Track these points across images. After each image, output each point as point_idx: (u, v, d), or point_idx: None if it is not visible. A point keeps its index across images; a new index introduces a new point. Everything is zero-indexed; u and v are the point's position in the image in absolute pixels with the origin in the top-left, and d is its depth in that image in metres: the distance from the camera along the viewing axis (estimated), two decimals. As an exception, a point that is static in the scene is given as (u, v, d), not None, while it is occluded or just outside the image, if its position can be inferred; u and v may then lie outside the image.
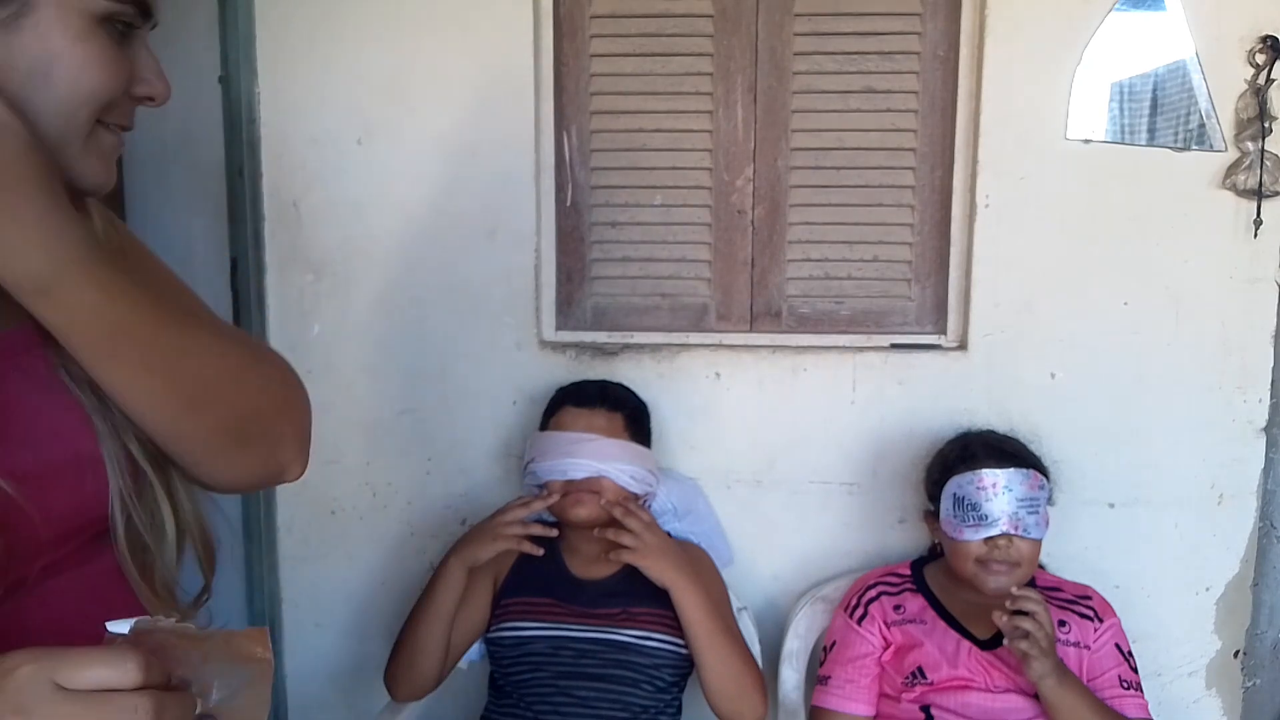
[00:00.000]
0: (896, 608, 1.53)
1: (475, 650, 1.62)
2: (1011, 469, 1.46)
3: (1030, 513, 1.44)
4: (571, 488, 1.53)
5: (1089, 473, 1.73)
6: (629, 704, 1.48)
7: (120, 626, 0.53)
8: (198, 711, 0.54)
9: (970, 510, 1.46)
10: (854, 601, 1.57)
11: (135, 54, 0.67)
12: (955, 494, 1.49)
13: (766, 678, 1.67)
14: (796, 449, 1.77)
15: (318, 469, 1.82)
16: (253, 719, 0.57)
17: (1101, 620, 1.49)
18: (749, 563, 1.80)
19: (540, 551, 1.51)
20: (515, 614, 1.54)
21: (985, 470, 1.46)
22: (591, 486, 1.53)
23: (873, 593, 1.56)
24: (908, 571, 1.60)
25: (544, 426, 1.63)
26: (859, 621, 1.53)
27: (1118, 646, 1.48)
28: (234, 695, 0.56)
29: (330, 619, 1.86)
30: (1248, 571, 1.75)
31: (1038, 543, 1.47)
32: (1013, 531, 1.43)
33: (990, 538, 1.44)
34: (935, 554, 1.63)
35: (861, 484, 1.78)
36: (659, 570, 1.44)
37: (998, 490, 1.44)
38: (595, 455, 1.53)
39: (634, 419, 1.63)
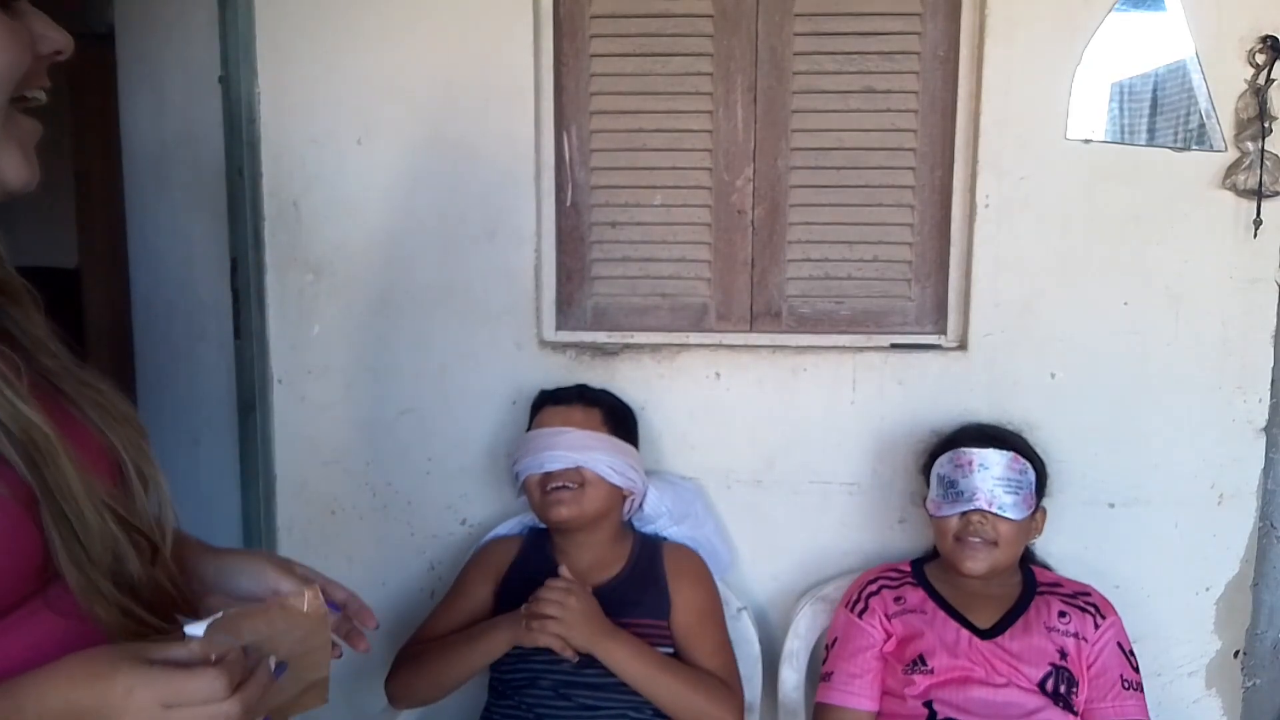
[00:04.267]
0: (897, 599, 1.54)
1: None
2: (990, 449, 1.50)
3: (1008, 492, 1.47)
4: (550, 481, 1.52)
5: (1089, 473, 1.73)
6: (628, 713, 1.48)
7: (196, 629, 0.64)
8: (274, 664, 0.68)
9: (949, 487, 1.51)
10: (855, 596, 1.58)
11: (25, 17, 0.65)
12: (938, 474, 1.54)
13: (766, 678, 1.68)
14: (796, 449, 1.77)
15: (317, 469, 1.84)
16: (317, 661, 0.74)
17: (1104, 617, 1.50)
18: (749, 563, 1.80)
19: (575, 658, 1.43)
20: None
21: (963, 449, 1.52)
22: (572, 478, 1.52)
23: (873, 587, 1.57)
24: (908, 568, 1.61)
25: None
26: (860, 615, 1.54)
27: (1120, 646, 1.48)
28: (298, 645, 0.71)
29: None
30: (1248, 571, 1.75)
31: (1016, 524, 1.48)
32: (987, 508, 1.46)
33: (965, 513, 1.47)
34: (937, 553, 1.64)
35: (861, 484, 1.78)
36: (579, 640, 1.39)
37: (974, 468, 1.49)
38: (571, 446, 1.53)
39: (613, 416, 1.63)
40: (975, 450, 1.50)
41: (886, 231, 1.77)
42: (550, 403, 1.62)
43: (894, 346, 1.76)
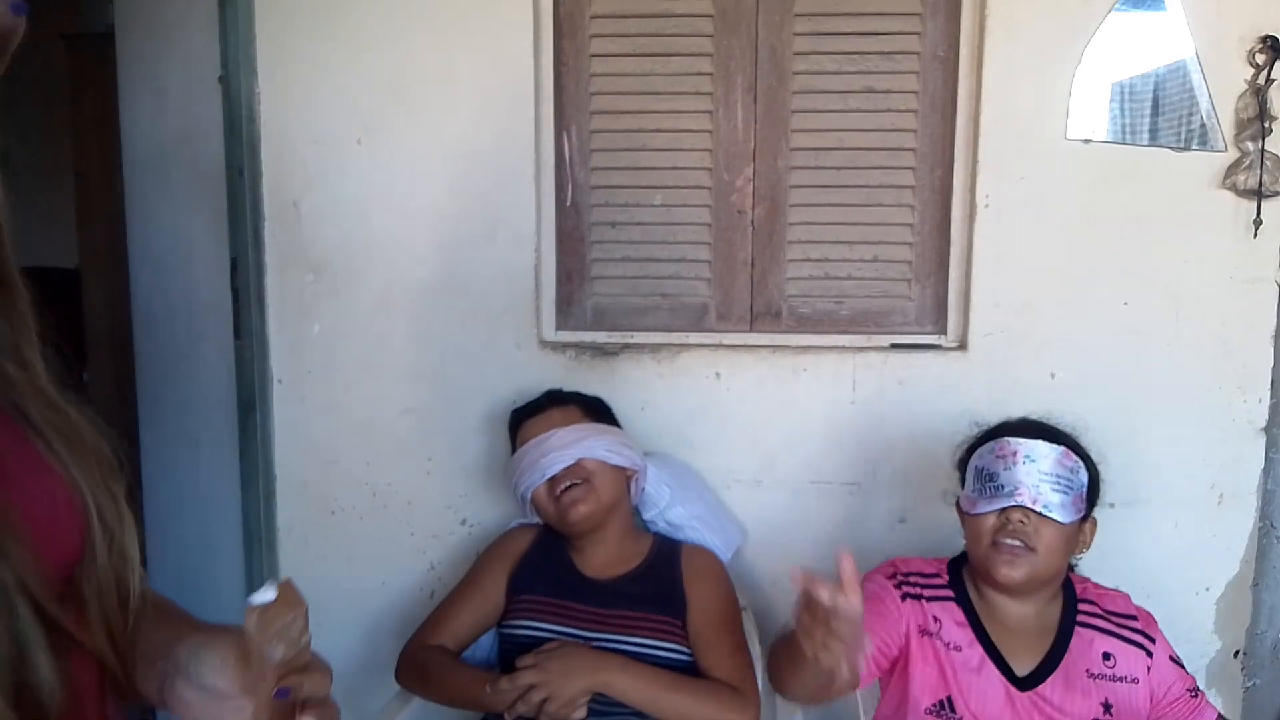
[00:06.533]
0: (935, 619, 1.36)
1: (491, 651, 1.62)
2: (1038, 440, 1.30)
3: (1056, 490, 1.27)
4: (557, 485, 1.52)
5: (1089, 473, 1.73)
6: (633, 715, 1.48)
7: (267, 594, 0.61)
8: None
9: (988, 481, 1.30)
10: (895, 574, 1.39)
11: None
12: (976, 465, 1.35)
13: (764, 679, 1.67)
14: (796, 449, 1.77)
15: (318, 469, 1.83)
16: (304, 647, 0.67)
17: (1152, 641, 1.34)
18: (749, 563, 1.79)
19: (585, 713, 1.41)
20: (527, 612, 1.54)
21: (1007, 438, 1.31)
22: (577, 474, 1.52)
23: (913, 587, 1.38)
24: (945, 576, 1.40)
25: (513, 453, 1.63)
26: (902, 596, 1.36)
27: (1172, 660, 1.35)
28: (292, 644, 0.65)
29: (330, 619, 1.86)
30: (1248, 571, 1.75)
31: (1061, 528, 1.27)
32: (1030, 505, 1.25)
33: (1004, 509, 1.27)
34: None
35: (861, 484, 1.77)
36: (576, 691, 1.38)
37: (1018, 459, 1.28)
38: (563, 444, 1.53)
39: (589, 407, 1.63)
40: (1021, 440, 1.30)
41: (886, 231, 1.77)
42: (525, 417, 1.62)
43: (894, 346, 1.76)
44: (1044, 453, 1.29)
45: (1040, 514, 1.27)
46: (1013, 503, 1.27)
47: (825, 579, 1.05)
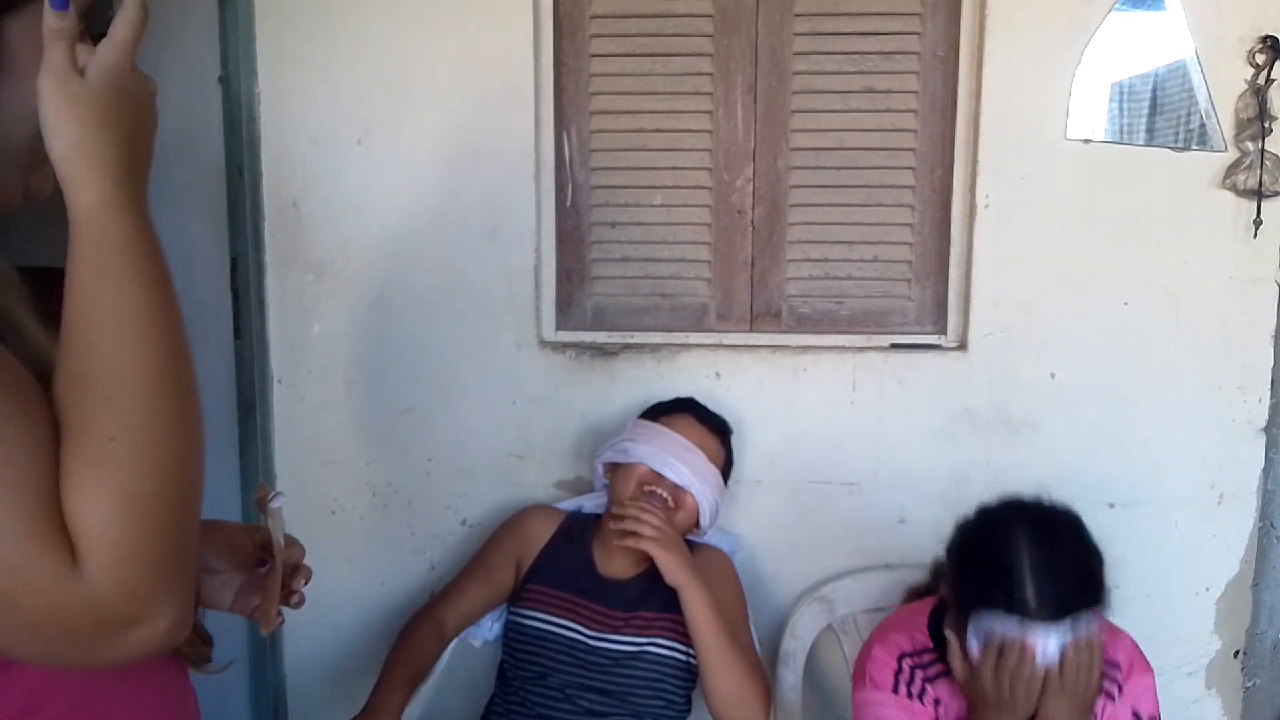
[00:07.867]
0: (937, 701, 1.30)
1: (493, 629, 1.62)
2: (1067, 622, 1.12)
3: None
4: (653, 483, 1.52)
5: (1089, 473, 1.73)
6: (633, 716, 1.48)
7: (281, 501, 0.92)
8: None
9: (998, 655, 1.15)
10: (898, 672, 1.29)
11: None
12: (989, 631, 1.15)
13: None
14: (796, 449, 1.77)
15: (318, 469, 1.83)
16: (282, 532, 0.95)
17: (1120, 689, 1.27)
18: (749, 563, 1.79)
19: None
20: (537, 603, 1.55)
21: (1036, 624, 1.12)
22: (674, 495, 1.53)
23: (909, 675, 1.30)
24: (928, 640, 1.31)
25: (650, 419, 1.63)
26: (909, 694, 1.28)
27: (1136, 715, 1.27)
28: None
29: (330, 619, 1.86)
30: (1248, 571, 1.75)
31: None
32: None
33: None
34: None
35: (861, 484, 1.77)
36: (674, 567, 1.41)
37: (1047, 653, 1.12)
38: (696, 469, 1.54)
39: (729, 465, 1.66)
40: (1051, 626, 1.12)
41: (886, 231, 1.77)
42: (695, 416, 1.62)
43: (894, 346, 1.76)
44: (1066, 635, 1.13)
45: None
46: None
47: None
